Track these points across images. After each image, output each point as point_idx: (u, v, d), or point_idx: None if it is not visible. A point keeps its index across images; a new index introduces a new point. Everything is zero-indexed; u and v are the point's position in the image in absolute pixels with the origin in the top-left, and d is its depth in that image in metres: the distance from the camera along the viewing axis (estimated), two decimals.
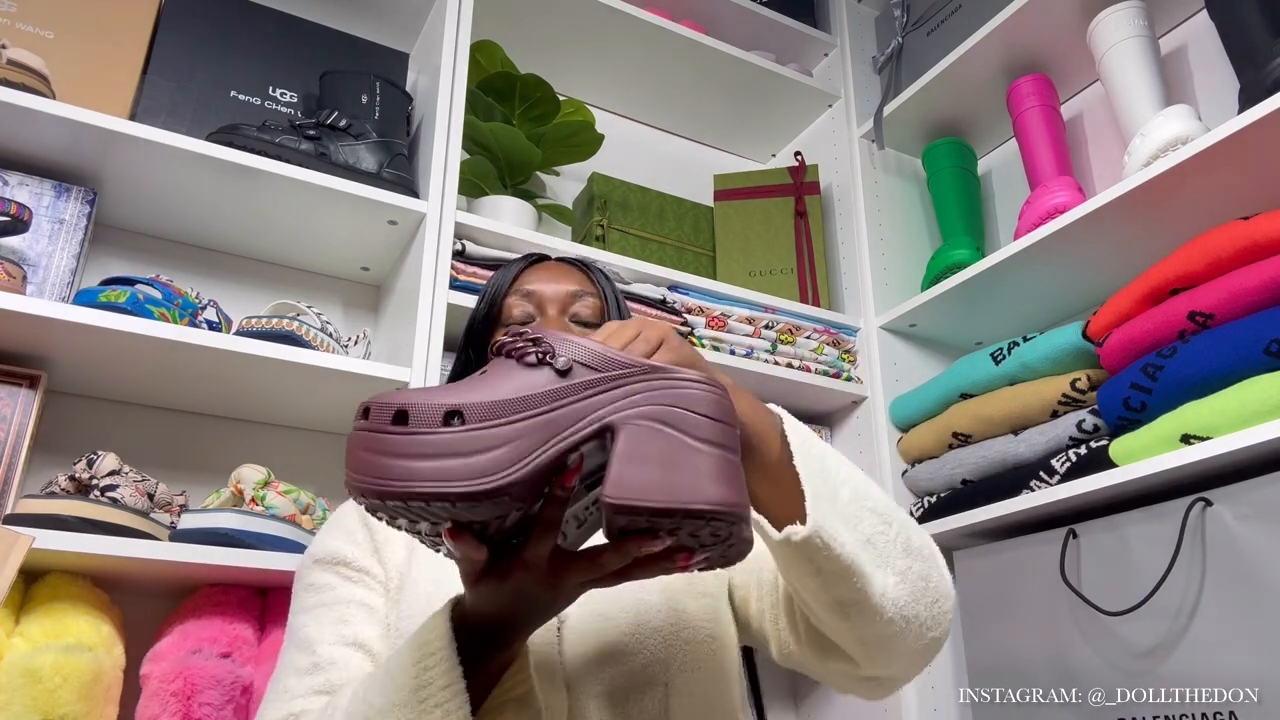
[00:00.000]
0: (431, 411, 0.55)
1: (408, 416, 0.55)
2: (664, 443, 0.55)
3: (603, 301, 0.98)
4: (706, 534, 0.56)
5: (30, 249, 1.22)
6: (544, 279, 0.98)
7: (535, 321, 0.95)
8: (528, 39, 1.75)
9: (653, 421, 0.56)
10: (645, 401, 0.57)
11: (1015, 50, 1.64)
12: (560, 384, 0.57)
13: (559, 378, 0.57)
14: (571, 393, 0.57)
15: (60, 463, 1.24)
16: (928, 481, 1.52)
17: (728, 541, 0.57)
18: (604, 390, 0.57)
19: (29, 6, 1.32)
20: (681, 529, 0.55)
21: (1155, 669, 1.11)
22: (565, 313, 0.95)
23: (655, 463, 0.54)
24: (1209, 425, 1.10)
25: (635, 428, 0.56)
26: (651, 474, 0.54)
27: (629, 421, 0.56)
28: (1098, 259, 1.45)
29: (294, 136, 1.37)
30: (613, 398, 0.57)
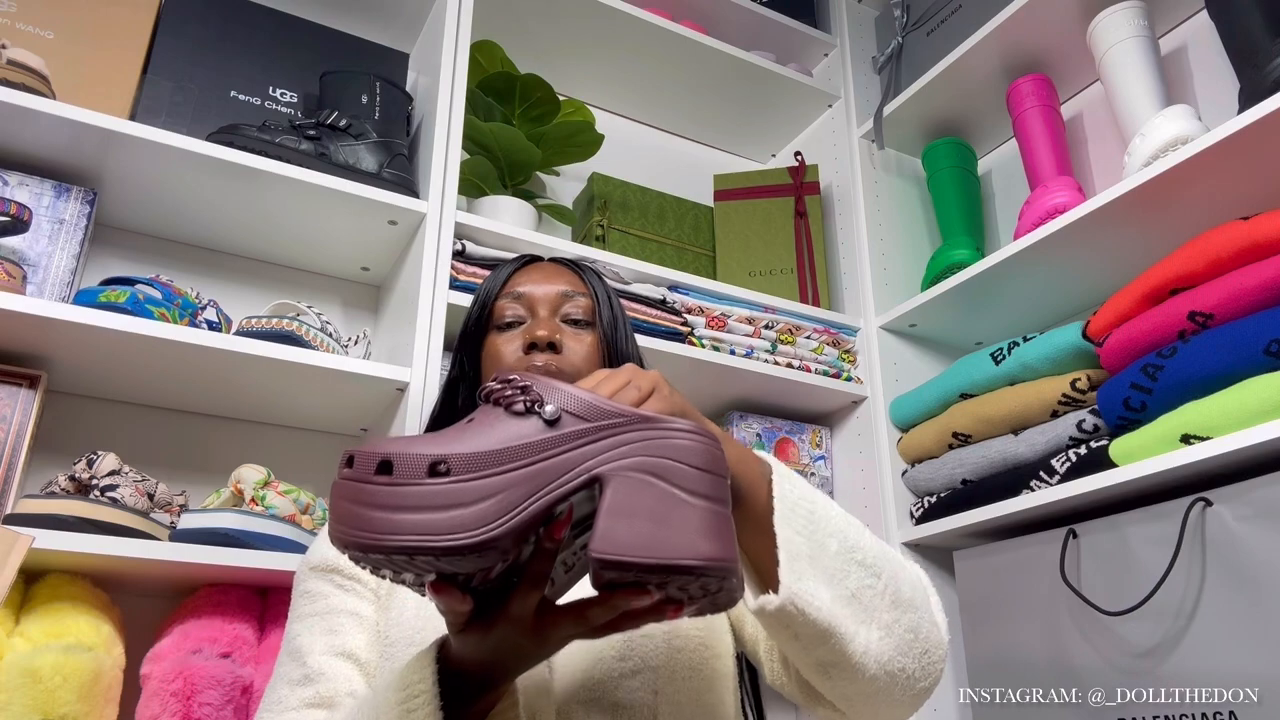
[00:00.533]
0: (416, 462, 0.54)
1: (392, 467, 0.54)
2: (653, 495, 0.54)
3: (594, 301, 0.98)
4: (695, 588, 0.55)
5: (30, 249, 1.22)
6: (535, 280, 0.98)
7: (527, 323, 0.95)
8: (528, 39, 1.75)
9: (642, 473, 0.55)
10: (635, 453, 0.56)
11: (1015, 50, 1.64)
12: (548, 434, 0.56)
13: (547, 428, 0.56)
14: (560, 443, 0.56)
15: (60, 463, 1.24)
16: (928, 481, 1.52)
17: (717, 594, 0.57)
18: (593, 440, 0.56)
19: (29, 6, 1.32)
20: (670, 583, 0.55)
21: (1155, 669, 1.11)
22: (556, 313, 0.96)
23: (644, 517, 0.53)
24: (1209, 425, 1.10)
25: (624, 479, 0.55)
26: (640, 529, 0.53)
27: (618, 473, 0.55)
28: (1098, 259, 1.45)
29: (294, 136, 1.37)
30: (602, 448, 0.56)
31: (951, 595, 1.51)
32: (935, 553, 1.54)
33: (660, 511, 0.54)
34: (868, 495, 1.61)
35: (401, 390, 1.29)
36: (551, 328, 0.93)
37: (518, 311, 0.96)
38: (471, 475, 0.54)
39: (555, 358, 0.91)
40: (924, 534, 1.50)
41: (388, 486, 0.53)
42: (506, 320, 0.96)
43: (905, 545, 1.53)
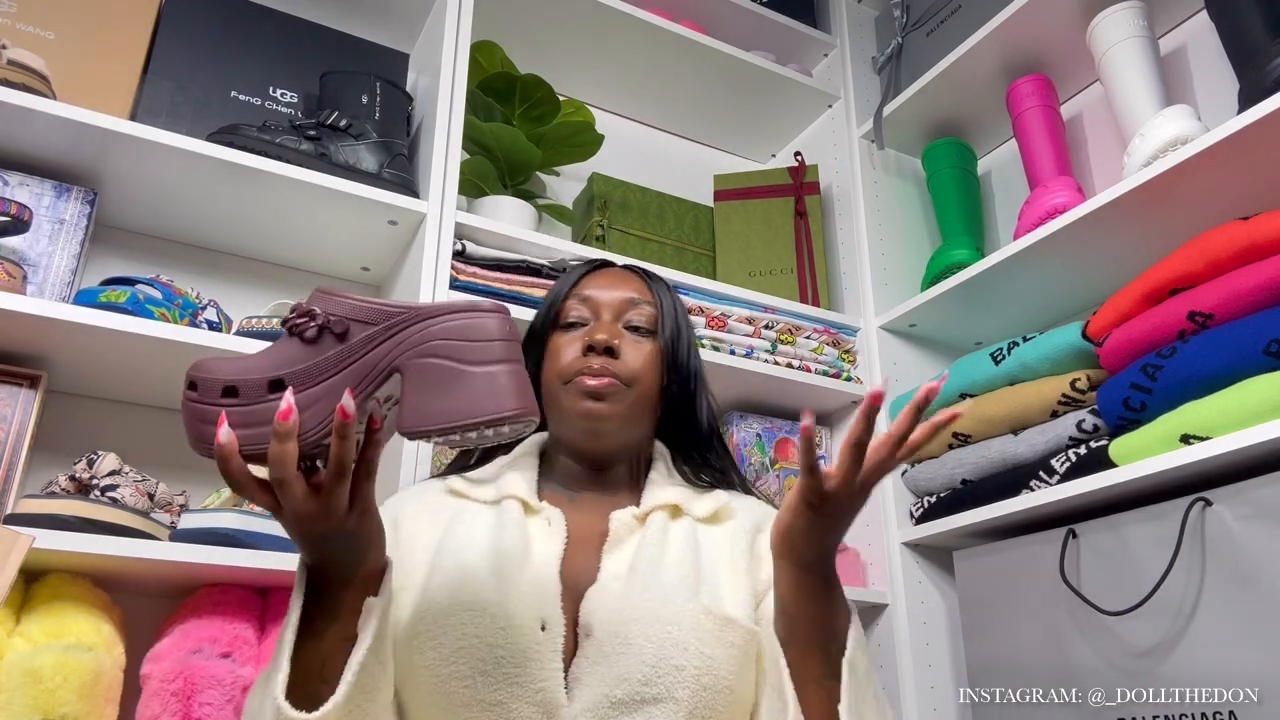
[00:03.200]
0: (257, 384, 0.66)
1: (237, 391, 0.66)
2: (437, 375, 0.66)
3: (658, 311, 1.00)
4: (489, 434, 0.67)
5: (30, 249, 1.22)
6: (603, 285, 1.00)
7: (589, 325, 0.97)
8: (528, 39, 1.75)
9: (427, 357, 0.66)
10: (416, 342, 0.67)
11: (1015, 50, 1.64)
12: (343, 345, 0.67)
13: (339, 340, 0.67)
14: (356, 350, 0.67)
15: (60, 463, 1.24)
16: (928, 481, 1.52)
17: (505, 433, 0.68)
18: (382, 341, 0.67)
19: (29, 6, 1.32)
20: (470, 435, 0.66)
21: (1155, 669, 1.11)
22: (619, 319, 0.97)
23: (434, 393, 0.65)
24: (1209, 425, 1.10)
25: (413, 365, 0.66)
26: (432, 404, 0.65)
27: (408, 362, 0.66)
28: (1098, 259, 1.45)
29: (294, 137, 1.37)
30: (390, 345, 0.67)
31: (951, 595, 1.51)
32: (935, 553, 1.54)
33: (446, 385, 0.65)
34: None
35: None
36: (611, 332, 0.95)
37: (582, 313, 0.98)
38: (300, 388, 0.65)
39: (611, 362, 0.93)
40: (924, 534, 1.50)
41: (238, 407, 0.66)
42: (570, 320, 0.98)
43: (905, 545, 1.54)
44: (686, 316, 1.02)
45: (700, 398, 1.01)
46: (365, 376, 0.66)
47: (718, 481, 1.00)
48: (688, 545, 0.89)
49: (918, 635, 1.48)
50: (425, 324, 0.67)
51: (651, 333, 0.98)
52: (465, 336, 0.66)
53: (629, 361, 0.94)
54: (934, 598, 1.53)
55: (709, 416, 1.03)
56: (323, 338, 0.67)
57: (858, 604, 1.49)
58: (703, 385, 1.02)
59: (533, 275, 1.45)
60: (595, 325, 0.96)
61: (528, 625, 0.79)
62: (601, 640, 0.79)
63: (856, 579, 1.53)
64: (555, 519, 0.90)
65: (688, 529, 0.92)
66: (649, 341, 0.97)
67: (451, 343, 0.66)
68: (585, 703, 0.77)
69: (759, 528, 0.94)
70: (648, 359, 0.95)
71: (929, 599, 1.52)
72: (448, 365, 0.66)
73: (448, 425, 0.64)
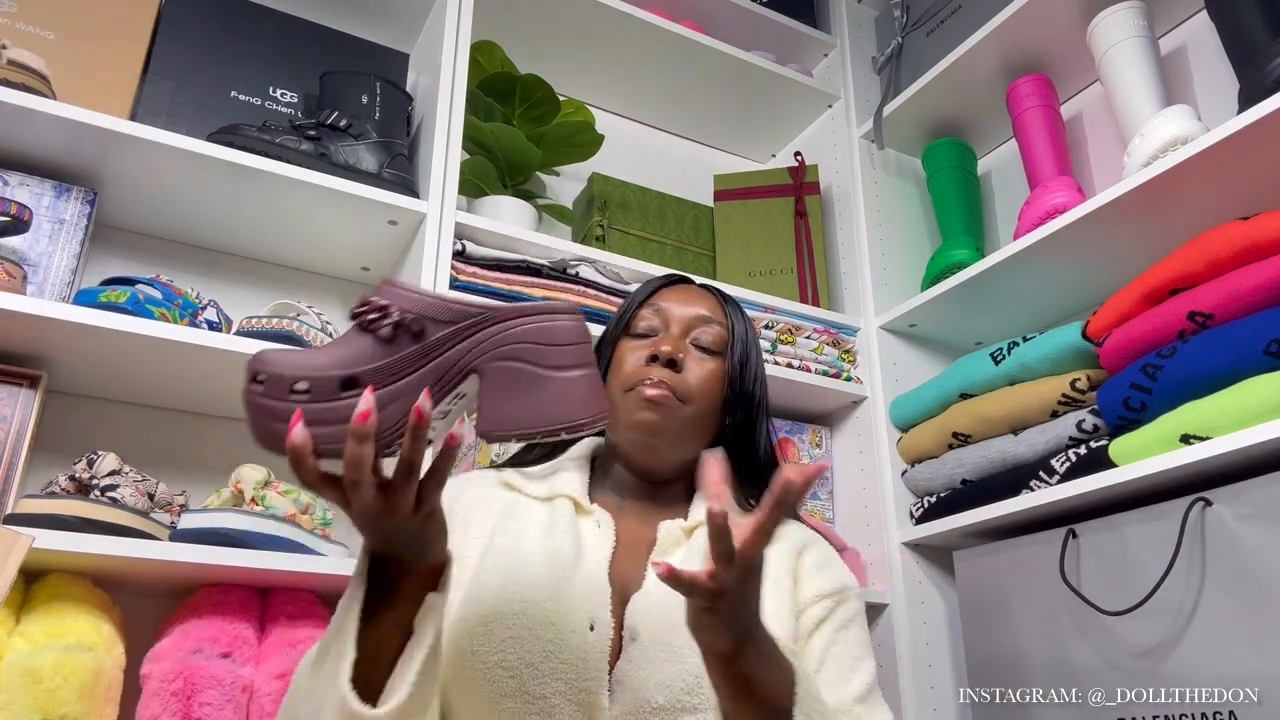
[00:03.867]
0: (329, 383, 0.64)
1: (309, 388, 0.64)
2: (516, 378, 0.66)
3: (729, 334, 1.00)
4: (566, 437, 0.68)
5: (30, 249, 1.22)
6: (677, 299, 1.01)
7: (657, 335, 0.98)
8: (528, 39, 1.75)
9: (506, 360, 0.66)
10: (496, 344, 0.66)
11: (1015, 50, 1.64)
12: (420, 344, 0.66)
13: (415, 339, 0.66)
14: (433, 350, 0.66)
15: (60, 463, 1.24)
16: (927, 481, 1.52)
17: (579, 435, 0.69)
18: (459, 340, 0.66)
19: (29, 6, 1.32)
20: (549, 439, 0.68)
21: (1155, 669, 1.11)
22: (687, 334, 0.98)
23: (513, 396, 0.65)
24: (1209, 425, 1.09)
25: (492, 369, 0.66)
26: (511, 408, 0.65)
27: (486, 365, 0.66)
28: (1098, 259, 1.45)
29: (294, 137, 1.37)
30: (468, 346, 0.66)
31: (951, 595, 1.51)
32: (935, 553, 1.54)
33: (524, 390, 0.65)
34: (868, 495, 1.61)
35: None
36: (677, 345, 0.95)
37: (652, 323, 0.99)
38: (375, 387, 0.64)
39: (673, 375, 0.93)
40: (924, 534, 1.50)
41: (311, 404, 0.64)
42: (640, 329, 0.99)
43: (905, 545, 1.54)
44: (758, 344, 1.03)
45: (761, 425, 1.02)
46: (443, 376, 0.65)
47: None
48: None
49: (918, 635, 1.48)
50: (504, 326, 0.66)
51: (718, 353, 0.98)
52: (544, 340, 0.66)
53: (689, 378, 0.94)
54: (934, 598, 1.53)
55: (767, 445, 1.03)
56: (398, 335, 0.66)
57: None
58: (764, 413, 1.03)
59: (533, 275, 1.45)
60: (662, 337, 0.97)
61: (578, 624, 0.80)
62: (647, 645, 0.80)
63: (857, 579, 1.53)
64: (605, 522, 0.91)
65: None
66: (714, 361, 0.97)
67: (531, 346, 0.66)
68: (626, 705, 0.77)
69: (802, 550, 0.95)
70: (709, 378, 0.96)
71: (929, 599, 1.52)
72: (527, 369, 0.65)
73: (529, 430, 0.65)
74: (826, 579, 0.93)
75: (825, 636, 0.89)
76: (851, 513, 1.63)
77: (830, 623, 0.90)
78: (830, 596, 0.92)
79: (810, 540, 0.98)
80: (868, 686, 0.89)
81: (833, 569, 0.95)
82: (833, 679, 0.87)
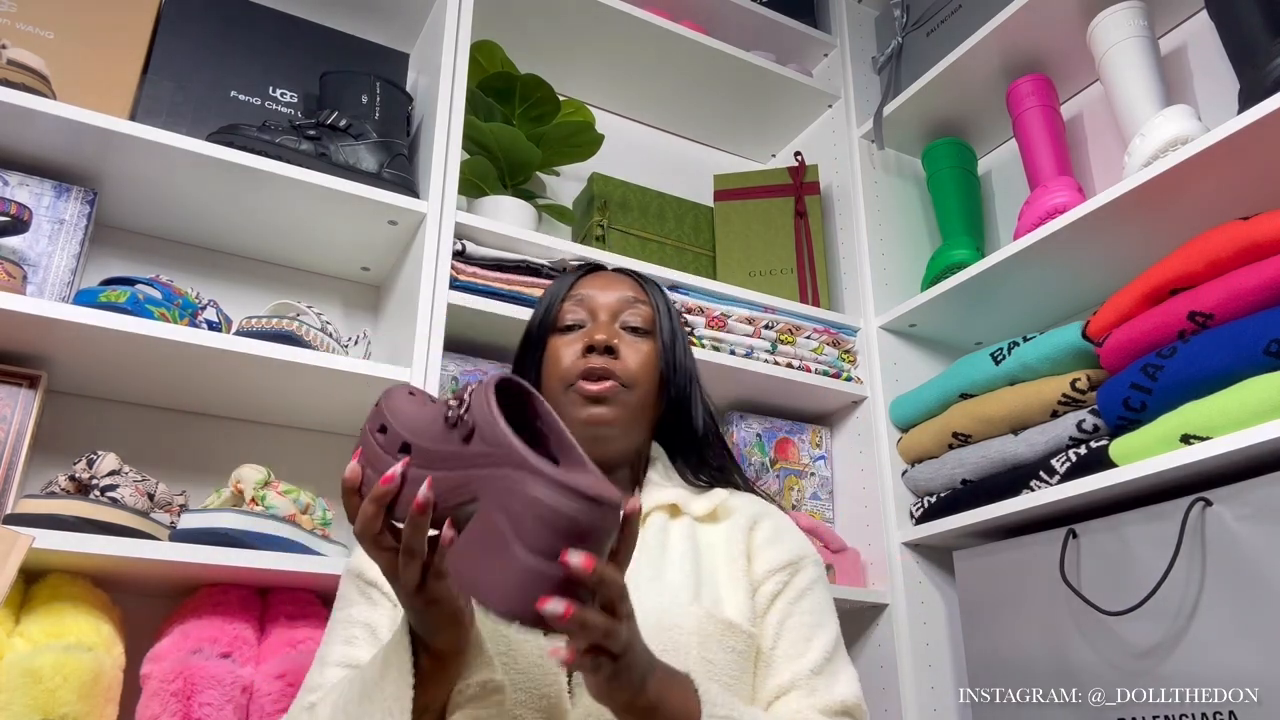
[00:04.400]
0: (393, 442, 0.67)
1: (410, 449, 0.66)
2: (493, 534, 0.61)
3: (654, 311, 1.00)
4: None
5: (30, 249, 1.22)
6: (598, 286, 1.01)
7: (586, 327, 0.97)
8: (528, 39, 1.75)
9: (496, 510, 0.61)
10: (501, 489, 0.62)
11: (1015, 50, 1.64)
12: (466, 450, 0.64)
13: (464, 444, 0.64)
14: (465, 461, 0.64)
15: (60, 463, 1.24)
16: (928, 481, 1.52)
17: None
18: (483, 465, 0.63)
19: (29, 6, 1.32)
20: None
21: (1155, 669, 1.11)
22: (616, 319, 0.98)
23: (478, 551, 0.61)
24: (1209, 425, 1.09)
25: (485, 512, 0.62)
26: (474, 561, 0.61)
27: (485, 501, 0.62)
28: (1098, 259, 1.45)
29: (294, 137, 1.37)
30: (487, 474, 0.63)
31: (951, 595, 1.51)
32: (935, 553, 1.54)
33: (490, 550, 0.61)
34: (868, 495, 1.61)
35: None
36: (610, 332, 0.96)
37: (579, 315, 0.99)
38: (417, 464, 0.65)
39: (612, 361, 0.93)
40: (924, 534, 1.50)
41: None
42: (568, 323, 0.99)
43: (905, 545, 1.54)
44: (680, 317, 1.04)
45: (695, 397, 1.02)
46: (455, 489, 0.64)
47: (716, 480, 1.00)
48: (688, 545, 0.90)
49: (918, 635, 1.48)
50: (521, 475, 0.61)
51: (649, 333, 0.99)
52: (535, 511, 0.60)
53: (628, 362, 0.95)
54: (934, 598, 1.53)
55: (705, 415, 1.03)
56: (458, 426, 0.65)
57: (858, 604, 1.50)
58: (698, 385, 1.03)
59: (533, 275, 1.45)
60: (594, 326, 0.97)
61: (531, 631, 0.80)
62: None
63: (857, 579, 1.53)
64: None
65: (687, 528, 0.92)
66: (646, 342, 0.98)
67: (522, 512, 0.60)
68: (587, 706, 0.77)
69: (754, 524, 0.94)
70: (646, 359, 0.96)
71: (929, 599, 1.52)
72: (506, 531, 0.60)
73: (471, 590, 0.62)
74: (780, 551, 0.92)
75: (780, 610, 0.89)
76: (851, 513, 1.63)
77: (785, 596, 0.90)
78: (784, 569, 0.91)
79: (763, 512, 0.97)
80: (826, 654, 0.88)
81: (785, 540, 0.94)
82: (789, 653, 0.86)
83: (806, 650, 0.87)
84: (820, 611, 0.91)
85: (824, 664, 0.87)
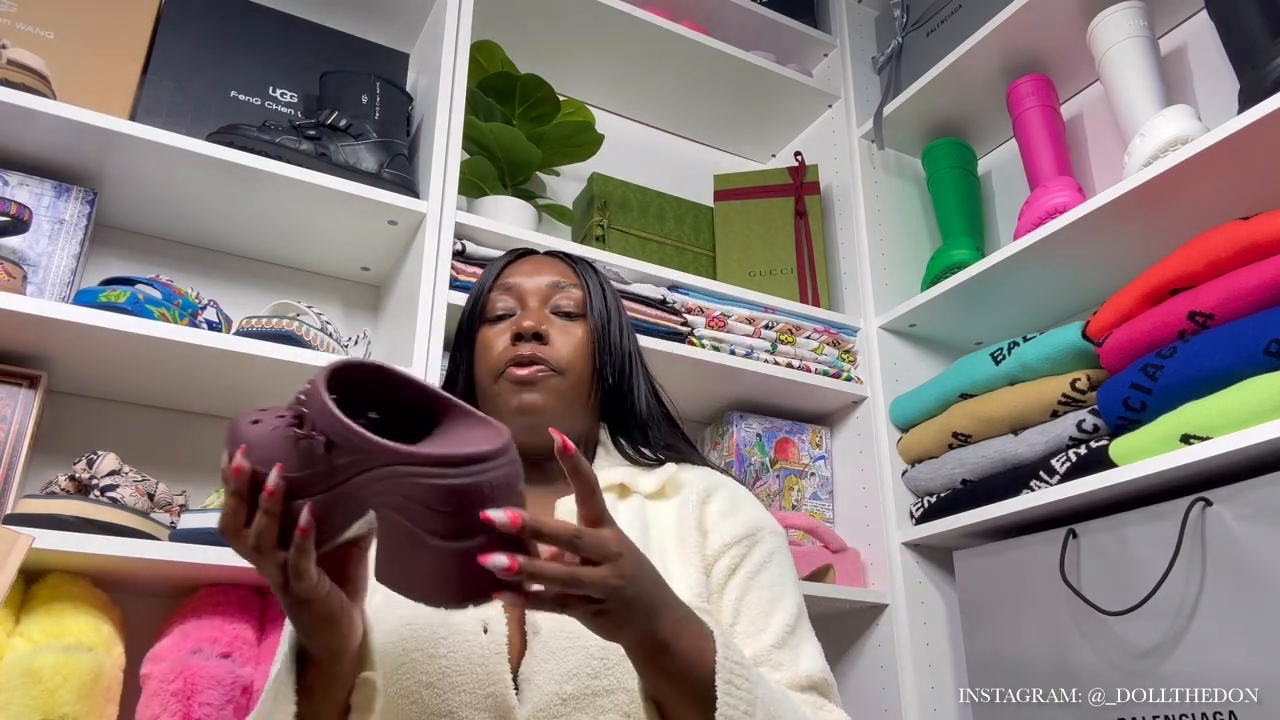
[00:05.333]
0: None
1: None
2: (401, 534, 0.59)
3: (585, 293, 0.97)
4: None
5: (30, 249, 1.22)
6: (525, 272, 0.98)
7: (516, 315, 0.95)
8: (528, 39, 1.75)
9: (390, 513, 0.59)
10: (387, 490, 0.59)
11: (1015, 50, 1.64)
12: (327, 465, 0.61)
13: (327, 455, 0.60)
14: (338, 475, 0.61)
15: (60, 463, 1.24)
16: (928, 481, 1.52)
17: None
18: (359, 473, 0.60)
19: (29, 6, 1.32)
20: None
21: (1155, 669, 1.11)
22: (546, 304, 0.95)
23: (396, 555, 0.60)
24: (1209, 425, 1.09)
25: (384, 516, 0.60)
26: (396, 567, 0.60)
27: (377, 512, 0.60)
28: (1098, 259, 1.45)
29: (294, 137, 1.37)
30: (365, 481, 0.60)
31: (952, 595, 1.51)
32: (935, 553, 1.54)
33: (405, 549, 0.59)
34: (868, 495, 1.61)
35: None
36: (538, 318, 0.93)
37: (508, 304, 0.96)
38: (301, 494, 0.61)
39: (541, 348, 0.91)
40: (924, 534, 1.50)
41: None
42: (497, 313, 0.96)
43: (905, 545, 1.54)
44: (617, 297, 1.00)
45: (636, 378, 0.98)
46: (343, 504, 0.61)
47: (667, 457, 0.97)
48: (636, 526, 0.87)
49: (918, 635, 1.48)
50: (396, 471, 0.58)
51: (581, 316, 0.96)
52: (429, 501, 0.58)
53: (559, 347, 0.92)
54: (934, 598, 1.53)
55: (648, 395, 0.99)
56: (312, 446, 0.61)
57: (858, 604, 1.50)
58: (639, 365, 0.99)
59: None
60: (522, 313, 0.94)
61: (468, 631, 0.78)
62: (548, 637, 0.78)
63: (856, 579, 1.53)
64: None
65: (636, 507, 0.89)
66: (578, 325, 0.95)
67: (414, 505, 0.58)
68: (536, 703, 0.75)
69: (707, 497, 0.91)
70: (578, 343, 0.93)
71: (929, 599, 1.52)
72: (409, 528, 0.59)
73: (413, 598, 0.60)
74: (734, 524, 0.89)
75: (739, 585, 0.86)
76: (851, 513, 1.63)
77: (742, 570, 0.86)
78: (740, 542, 0.88)
79: (716, 484, 0.93)
80: (787, 628, 0.85)
81: (741, 511, 0.91)
82: (749, 629, 0.83)
83: (767, 625, 0.84)
84: (780, 584, 0.88)
85: (786, 637, 0.84)
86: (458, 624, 0.78)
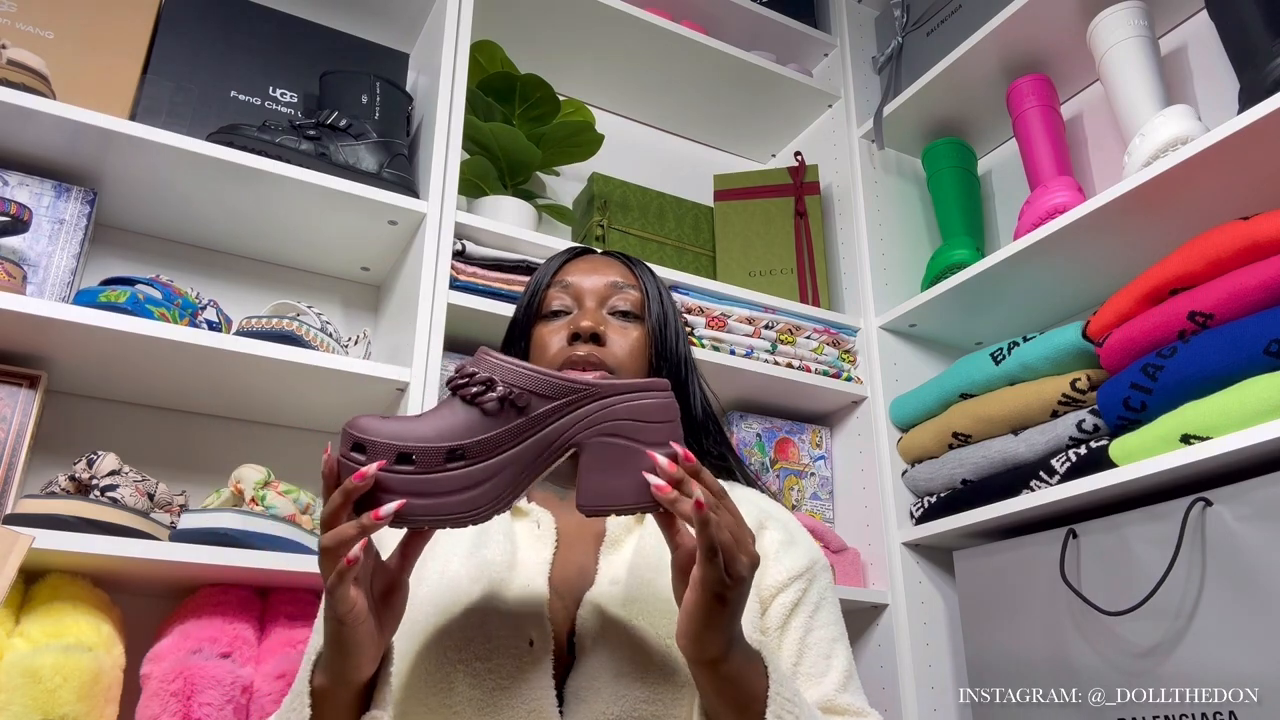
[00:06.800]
0: (435, 453, 0.66)
1: (412, 458, 0.65)
2: (613, 452, 0.67)
3: (644, 295, 0.96)
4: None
5: (30, 249, 1.22)
6: (583, 270, 0.96)
7: (573, 313, 0.93)
8: (528, 39, 1.75)
9: (608, 436, 0.68)
10: (598, 420, 0.68)
11: (1015, 50, 1.64)
12: (523, 418, 0.68)
13: (519, 414, 0.68)
14: (537, 424, 0.68)
15: (60, 463, 1.24)
16: (928, 481, 1.52)
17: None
18: (562, 415, 0.68)
19: (29, 6, 1.32)
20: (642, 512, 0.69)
21: (1155, 669, 1.11)
22: (603, 305, 0.94)
23: (610, 471, 0.67)
24: (1209, 425, 1.10)
25: (595, 444, 0.68)
26: (610, 482, 0.67)
27: (587, 440, 0.68)
28: (1098, 259, 1.45)
29: (294, 136, 1.37)
30: (571, 420, 0.68)
31: (951, 595, 1.51)
32: (935, 553, 1.54)
33: (624, 464, 0.67)
34: (868, 495, 1.61)
35: (401, 390, 1.29)
36: (596, 318, 0.91)
37: (564, 301, 0.94)
38: (479, 459, 0.67)
39: (598, 349, 0.89)
40: (924, 534, 1.50)
41: (415, 475, 0.65)
42: (553, 309, 0.94)
43: (905, 545, 1.54)
44: (673, 301, 0.99)
45: (692, 383, 0.97)
46: (546, 450, 0.68)
47: (716, 470, 0.96)
48: None
49: (918, 635, 1.48)
50: (605, 402, 0.68)
51: (638, 318, 0.94)
52: (640, 416, 0.68)
53: (615, 349, 0.90)
54: (934, 598, 1.53)
55: (703, 403, 0.99)
56: (503, 409, 0.68)
57: (858, 604, 1.50)
58: (693, 370, 0.99)
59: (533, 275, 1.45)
60: (579, 313, 0.93)
61: (514, 643, 0.76)
62: (599, 655, 0.76)
63: (856, 579, 1.53)
64: (544, 521, 0.86)
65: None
66: (635, 327, 0.93)
67: (628, 422, 0.68)
68: (581, 719, 0.74)
69: (762, 525, 0.89)
70: (635, 345, 0.92)
71: (929, 599, 1.52)
72: (622, 443, 0.67)
73: (627, 505, 0.66)
74: (795, 558, 0.87)
75: (801, 624, 0.84)
76: (851, 513, 1.63)
77: (804, 607, 0.85)
78: (801, 577, 0.86)
79: (769, 511, 0.92)
80: (846, 673, 0.85)
81: (799, 544, 0.90)
82: (812, 671, 0.83)
83: (830, 667, 0.84)
84: (837, 623, 0.88)
85: (847, 681, 0.84)
86: (504, 637, 0.76)
